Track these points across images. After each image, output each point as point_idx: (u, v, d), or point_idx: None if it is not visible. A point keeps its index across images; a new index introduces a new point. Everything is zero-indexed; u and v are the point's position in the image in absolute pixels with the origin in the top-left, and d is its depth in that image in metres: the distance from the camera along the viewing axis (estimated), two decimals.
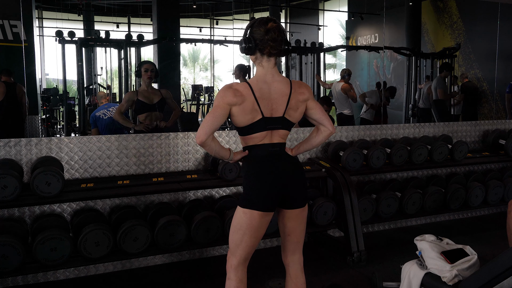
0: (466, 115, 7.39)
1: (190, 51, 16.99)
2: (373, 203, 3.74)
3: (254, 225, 2.03)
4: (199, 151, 3.58)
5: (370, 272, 3.16)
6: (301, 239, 2.22)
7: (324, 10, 11.83)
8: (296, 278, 2.21)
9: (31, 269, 2.80)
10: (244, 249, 2.09)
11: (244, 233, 2.05)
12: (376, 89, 7.37)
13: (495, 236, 4.00)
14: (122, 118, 4.02)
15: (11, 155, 3.06)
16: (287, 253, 2.21)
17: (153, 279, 3.20)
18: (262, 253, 3.61)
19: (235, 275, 2.10)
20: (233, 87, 2.02)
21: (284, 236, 2.20)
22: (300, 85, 2.13)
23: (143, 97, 3.97)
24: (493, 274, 2.06)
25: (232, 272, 2.11)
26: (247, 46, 2.04)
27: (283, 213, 2.13)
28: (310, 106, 2.14)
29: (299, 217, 2.14)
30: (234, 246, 2.10)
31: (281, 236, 2.22)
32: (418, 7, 8.61)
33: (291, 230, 2.15)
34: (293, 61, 7.95)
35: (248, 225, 2.03)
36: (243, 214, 2.04)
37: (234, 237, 2.09)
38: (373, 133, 4.30)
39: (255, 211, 2.01)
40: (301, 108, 2.11)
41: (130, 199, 3.35)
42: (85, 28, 11.08)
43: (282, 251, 2.24)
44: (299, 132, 3.92)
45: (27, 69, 4.73)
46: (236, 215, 2.08)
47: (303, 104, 2.11)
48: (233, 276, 2.10)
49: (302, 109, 2.12)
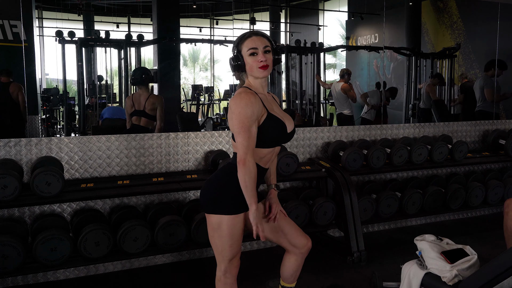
0: (466, 115, 7.39)
1: (190, 51, 16.99)
2: (373, 203, 3.74)
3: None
4: (199, 151, 3.58)
5: (370, 272, 3.16)
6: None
7: (324, 10, 11.83)
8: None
9: (31, 269, 2.80)
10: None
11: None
12: (376, 89, 7.38)
13: (495, 236, 4.00)
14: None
15: (11, 155, 3.06)
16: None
17: (153, 279, 3.20)
18: (262, 253, 3.61)
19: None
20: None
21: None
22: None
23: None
24: (493, 274, 2.06)
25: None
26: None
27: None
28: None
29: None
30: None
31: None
32: (418, 7, 8.61)
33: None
34: (293, 61, 7.95)
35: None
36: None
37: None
38: (373, 133, 4.30)
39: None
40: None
41: (130, 199, 3.35)
42: (85, 28, 11.08)
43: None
44: (299, 132, 3.93)
45: (27, 69, 4.73)
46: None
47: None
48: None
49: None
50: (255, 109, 1.91)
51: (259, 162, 2.01)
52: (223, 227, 1.98)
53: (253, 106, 1.90)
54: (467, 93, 7.43)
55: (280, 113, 2.07)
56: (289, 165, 3.47)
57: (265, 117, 1.96)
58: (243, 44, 1.97)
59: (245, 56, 1.97)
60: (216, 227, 2.00)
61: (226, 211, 1.98)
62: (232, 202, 1.99)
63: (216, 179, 2.06)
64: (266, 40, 1.99)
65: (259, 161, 2.01)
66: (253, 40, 1.96)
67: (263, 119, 1.95)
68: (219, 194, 2.00)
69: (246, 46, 1.96)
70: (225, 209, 1.98)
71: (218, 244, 2.02)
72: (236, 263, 2.07)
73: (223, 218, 1.97)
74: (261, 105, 1.95)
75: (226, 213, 1.97)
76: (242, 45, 1.98)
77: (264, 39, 1.98)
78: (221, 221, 1.98)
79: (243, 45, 1.98)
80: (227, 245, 2.00)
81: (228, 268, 2.04)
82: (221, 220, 1.98)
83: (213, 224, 2.01)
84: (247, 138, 1.89)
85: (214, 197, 2.01)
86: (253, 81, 2.02)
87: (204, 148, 3.60)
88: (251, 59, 1.96)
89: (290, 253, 2.23)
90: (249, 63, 1.97)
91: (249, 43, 1.96)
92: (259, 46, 1.96)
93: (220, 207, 1.98)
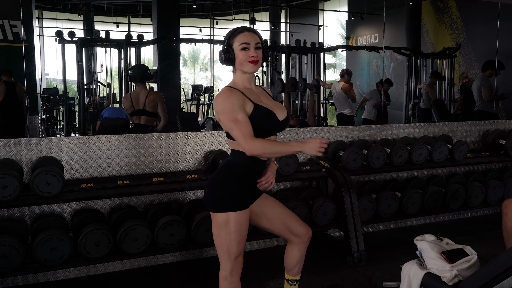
0: (466, 115, 7.38)
1: (190, 51, 16.97)
2: (373, 203, 3.74)
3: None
4: (199, 151, 3.58)
5: (370, 272, 3.15)
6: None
7: (324, 10, 11.82)
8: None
9: (31, 269, 2.81)
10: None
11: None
12: (376, 89, 7.37)
13: (495, 236, 3.99)
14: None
15: (11, 155, 3.06)
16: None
17: (153, 279, 3.20)
18: (262, 253, 3.61)
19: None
20: None
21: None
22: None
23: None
24: (493, 274, 2.06)
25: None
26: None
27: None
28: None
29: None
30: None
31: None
32: (418, 7, 8.60)
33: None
34: (293, 61, 7.95)
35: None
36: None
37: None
38: (373, 133, 4.30)
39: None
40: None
41: (130, 199, 3.35)
42: (85, 28, 11.07)
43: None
44: (292, 132, 3.93)
45: (27, 69, 4.72)
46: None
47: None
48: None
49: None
50: (233, 100, 1.95)
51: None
52: (231, 223, 2.00)
53: (231, 98, 1.96)
54: (467, 93, 7.43)
55: (270, 103, 2.10)
56: (289, 165, 3.47)
57: (253, 108, 1.99)
58: (235, 39, 2.02)
59: (237, 50, 2.02)
60: (223, 225, 2.01)
61: (232, 207, 2.00)
62: (236, 198, 2.02)
63: (218, 177, 2.08)
64: (257, 37, 2.04)
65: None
66: (246, 36, 2.01)
67: (251, 110, 1.99)
68: (223, 192, 2.03)
69: (238, 41, 2.01)
70: (231, 206, 2.00)
71: (224, 242, 2.03)
72: (241, 261, 2.10)
73: (230, 215, 2.00)
74: (241, 97, 1.98)
75: (232, 209, 2.00)
76: (234, 39, 2.02)
77: (255, 36, 2.04)
78: (228, 218, 2.00)
79: (235, 40, 2.02)
80: (234, 242, 2.02)
81: (234, 266, 2.06)
82: (228, 217, 2.00)
83: (220, 222, 2.02)
84: (238, 127, 1.93)
85: (218, 196, 2.03)
86: (240, 76, 2.07)
87: (204, 148, 3.60)
88: (242, 53, 2.01)
89: (292, 243, 2.27)
90: (240, 58, 2.02)
91: (241, 38, 2.01)
92: (251, 42, 2.01)
93: (225, 204, 2.01)
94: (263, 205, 2.18)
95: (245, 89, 2.05)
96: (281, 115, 2.10)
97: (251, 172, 2.08)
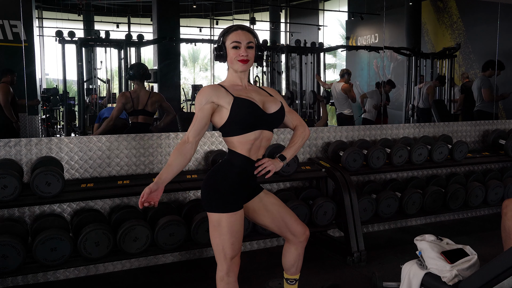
0: (466, 115, 7.38)
1: (190, 51, 16.97)
2: (373, 203, 3.74)
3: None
4: (199, 151, 3.58)
5: (370, 272, 3.16)
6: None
7: (324, 10, 11.82)
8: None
9: (31, 269, 2.81)
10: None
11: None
12: (376, 89, 7.37)
13: (495, 236, 3.99)
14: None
15: (11, 155, 3.06)
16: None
17: (153, 279, 3.20)
18: (262, 253, 3.61)
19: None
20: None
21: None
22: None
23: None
24: (493, 274, 2.06)
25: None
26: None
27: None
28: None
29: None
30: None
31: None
32: (418, 7, 8.60)
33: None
34: (293, 61, 7.95)
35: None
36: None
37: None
38: (373, 133, 4.30)
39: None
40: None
41: (130, 199, 3.35)
42: (85, 28, 11.06)
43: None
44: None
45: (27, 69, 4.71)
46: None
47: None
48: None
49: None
50: (202, 96, 1.99)
51: (247, 153, 2.04)
52: (223, 224, 1.99)
53: (201, 94, 2.00)
54: (467, 93, 7.43)
55: (258, 98, 2.07)
56: (289, 165, 3.47)
57: (232, 102, 1.99)
58: (228, 37, 2.04)
59: (228, 48, 2.03)
60: (216, 225, 2.01)
61: (224, 208, 2.00)
62: (228, 199, 2.01)
63: (211, 177, 2.09)
64: (251, 36, 2.04)
65: (247, 152, 2.04)
66: (238, 34, 2.02)
67: (230, 105, 1.98)
68: (215, 192, 2.03)
69: (230, 39, 2.02)
70: (222, 207, 2.00)
71: (219, 242, 2.02)
72: (238, 262, 2.08)
73: (222, 216, 2.00)
74: (216, 92, 1.99)
75: (224, 210, 2.00)
76: (227, 37, 2.04)
77: (249, 35, 2.04)
78: (220, 219, 2.00)
79: (227, 38, 2.04)
80: (228, 243, 2.01)
81: (230, 267, 2.05)
82: (220, 218, 2.00)
83: (213, 222, 2.02)
84: (193, 123, 1.99)
85: (211, 195, 2.03)
86: (232, 73, 2.09)
87: (204, 148, 3.59)
88: (233, 52, 2.03)
89: (289, 242, 2.28)
90: (231, 56, 2.04)
91: (233, 36, 2.02)
92: (243, 40, 2.02)
93: (217, 204, 2.01)
94: (263, 200, 2.18)
95: (232, 85, 2.06)
96: (270, 108, 2.08)
97: (245, 173, 2.07)
